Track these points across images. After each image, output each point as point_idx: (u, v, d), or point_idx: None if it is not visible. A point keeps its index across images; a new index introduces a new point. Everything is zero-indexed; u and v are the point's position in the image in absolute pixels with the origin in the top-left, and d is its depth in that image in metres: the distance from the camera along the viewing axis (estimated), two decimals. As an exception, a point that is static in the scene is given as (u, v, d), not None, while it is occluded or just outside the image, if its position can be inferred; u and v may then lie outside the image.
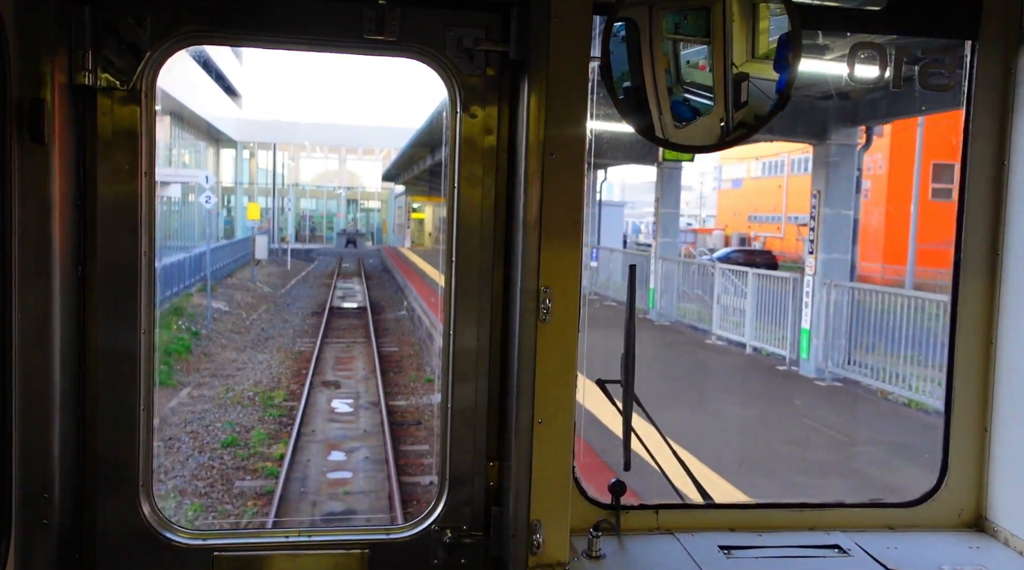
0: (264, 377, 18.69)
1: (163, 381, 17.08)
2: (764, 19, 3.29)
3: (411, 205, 67.92)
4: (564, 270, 3.24)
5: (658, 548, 3.53)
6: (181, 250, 32.08)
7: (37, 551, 3.17)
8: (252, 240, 39.22)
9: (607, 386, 3.61)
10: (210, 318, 25.11)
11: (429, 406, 16.14)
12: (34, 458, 3.14)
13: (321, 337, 23.78)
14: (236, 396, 16.67)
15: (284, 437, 13.96)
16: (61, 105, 3.10)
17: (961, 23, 3.62)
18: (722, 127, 3.30)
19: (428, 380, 18.22)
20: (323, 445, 14.05)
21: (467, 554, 3.53)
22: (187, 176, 42.62)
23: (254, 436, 14.10)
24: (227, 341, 22.98)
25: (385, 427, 14.54)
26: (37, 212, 3.09)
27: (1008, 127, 3.65)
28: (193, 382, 17.82)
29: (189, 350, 20.52)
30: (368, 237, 73.00)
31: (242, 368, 19.59)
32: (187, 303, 26.44)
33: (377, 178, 74.55)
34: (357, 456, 13.65)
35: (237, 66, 50.52)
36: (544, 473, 3.28)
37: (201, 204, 35.92)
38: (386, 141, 65.05)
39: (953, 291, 3.76)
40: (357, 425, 15.47)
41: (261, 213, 52.90)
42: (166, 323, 21.82)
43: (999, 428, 3.71)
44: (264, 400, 16.49)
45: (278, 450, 13.32)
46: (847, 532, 3.68)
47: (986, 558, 3.54)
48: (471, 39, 3.38)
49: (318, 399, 16.98)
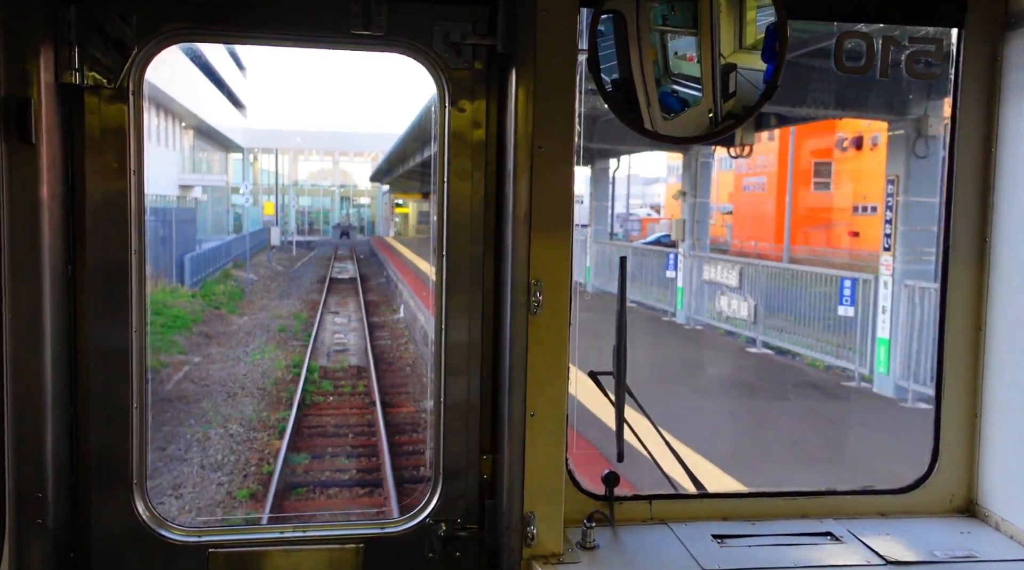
0: (292, 310, 29.89)
1: (231, 310, 28.21)
2: (751, 9, 3.28)
3: (395, 202, 78.86)
4: (554, 263, 3.25)
5: (652, 538, 3.52)
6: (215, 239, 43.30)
7: (33, 551, 3.17)
8: (268, 231, 50.56)
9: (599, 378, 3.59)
10: (248, 282, 36.32)
11: (393, 321, 27.25)
12: (28, 458, 3.12)
13: (325, 293, 34.79)
14: (279, 315, 27.96)
15: (310, 330, 25.14)
16: (48, 104, 3.07)
17: (947, 11, 3.60)
18: (711, 118, 3.29)
19: (393, 310, 29.37)
20: (331, 333, 25.32)
21: (462, 547, 3.53)
22: (209, 180, 53.28)
23: (295, 327, 25.39)
24: (263, 294, 34.18)
25: (366, 328, 25.78)
26: (26, 211, 3.06)
27: (995, 114, 3.63)
28: (250, 312, 29.04)
29: (242, 296, 31.75)
30: (360, 229, 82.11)
31: (277, 306, 30.80)
32: (229, 274, 37.60)
33: (367, 177, 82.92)
34: (349, 337, 24.91)
35: (241, 79, 55.14)
36: (537, 465, 3.29)
37: (215, 202, 46.44)
38: (374, 145, 73.22)
39: (942, 278, 3.75)
40: (348, 327, 26.73)
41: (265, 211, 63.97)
42: (223, 282, 33.15)
43: (989, 414, 3.70)
44: (295, 316, 27.78)
45: (307, 335, 24.53)
46: (839, 519, 3.69)
47: (978, 542, 3.53)
48: (458, 33, 3.35)
49: (326, 317, 28.24)
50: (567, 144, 3.23)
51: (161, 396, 16.22)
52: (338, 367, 20.41)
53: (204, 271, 33.97)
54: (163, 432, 14.02)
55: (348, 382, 18.55)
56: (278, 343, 23.18)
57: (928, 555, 3.42)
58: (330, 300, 33.42)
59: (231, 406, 16.19)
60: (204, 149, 52.68)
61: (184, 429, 14.51)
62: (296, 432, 14.15)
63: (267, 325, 26.19)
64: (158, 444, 13.45)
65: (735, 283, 19.79)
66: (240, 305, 30.58)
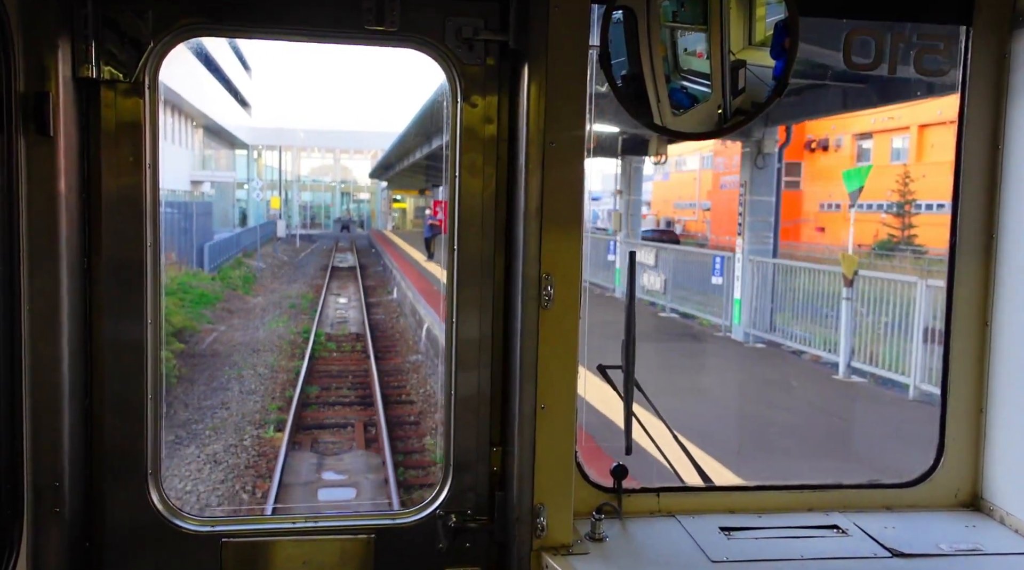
0: (300, 292, 34.33)
1: (246, 292, 32.66)
2: (761, 6, 3.30)
3: (393, 197, 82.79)
4: (565, 257, 3.29)
5: (660, 530, 3.56)
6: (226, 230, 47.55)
7: (49, 539, 3.23)
8: (274, 223, 55.02)
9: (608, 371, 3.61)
10: (259, 269, 40.80)
11: (387, 301, 31.69)
12: (44, 448, 3.18)
13: (328, 279, 39.18)
14: (288, 295, 32.42)
15: (316, 307, 29.56)
16: (65, 98, 3.11)
17: (955, 9, 3.60)
18: (720, 114, 3.30)
19: (388, 292, 33.82)
20: (334, 310, 29.78)
21: (472, 538, 3.58)
22: (219, 177, 56.84)
23: (303, 305, 29.85)
24: (273, 280, 38.64)
25: (364, 306, 30.22)
26: (44, 204, 3.10)
27: (1002, 111, 3.63)
28: (263, 293, 33.49)
29: (254, 280, 36.21)
30: (360, 224, 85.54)
31: (286, 289, 35.26)
32: (241, 262, 42.07)
33: (366, 174, 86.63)
34: (349, 313, 29.35)
35: (247, 79, 57.89)
36: (547, 458, 3.33)
37: (220, 197, 49.78)
38: (374, 143, 77.59)
39: (949, 274, 3.75)
40: (349, 305, 31.19)
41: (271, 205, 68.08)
42: (237, 268, 37.68)
43: (995, 408, 3.72)
44: (303, 297, 32.25)
45: (314, 310, 28.93)
46: (845, 513, 3.72)
47: (983, 536, 3.56)
48: (470, 28, 3.37)
49: (329, 298, 32.71)
50: (578, 139, 3.26)
51: (199, 352, 20.68)
52: (340, 333, 24.87)
53: (220, 258, 38.33)
54: (206, 375, 18.46)
55: (348, 344, 23.00)
56: (290, 316, 27.63)
57: (934, 548, 3.44)
58: (332, 284, 37.87)
59: (256, 358, 20.64)
60: (212, 146, 55.71)
61: (223, 371, 18.97)
62: (309, 373, 18.56)
63: (279, 303, 30.65)
64: (203, 380, 17.90)
65: (652, 263, 24.27)
66: (253, 288, 35.02)
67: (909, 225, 44.86)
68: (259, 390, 17.45)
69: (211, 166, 56.39)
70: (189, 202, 39.13)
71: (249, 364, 19.85)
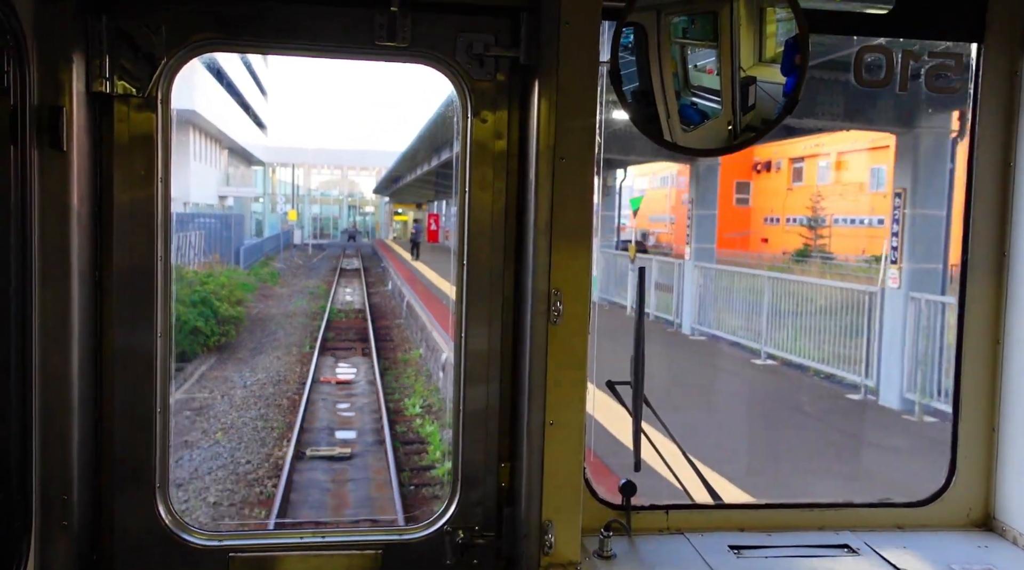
0: (316, 284, 43.87)
1: (274, 284, 42.25)
2: (771, 23, 3.30)
3: (394, 210, 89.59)
4: (574, 273, 3.25)
5: (669, 548, 3.51)
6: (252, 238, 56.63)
7: (57, 552, 3.20)
8: (291, 233, 64.29)
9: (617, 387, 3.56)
10: (281, 269, 50.53)
11: (384, 291, 41.17)
12: (53, 460, 3.16)
13: (337, 277, 48.67)
14: (307, 286, 42.14)
15: (329, 294, 39.02)
16: (79, 112, 3.12)
17: (967, 26, 3.59)
18: (730, 130, 3.31)
19: (384, 285, 43.39)
20: (342, 296, 39.47)
21: (479, 554, 3.56)
22: (243, 192, 64.79)
23: (319, 292, 39.47)
24: (293, 277, 48.34)
25: (365, 295, 39.77)
26: (56, 217, 3.10)
27: (1014, 128, 3.61)
28: (287, 286, 43.14)
29: (279, 277, 45.99)
30: (364, 234, 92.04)
31: (305, 282, 44.89)
32: (267, 263, 51.68)
33: (371, 188, 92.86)
34: (354, 298, 38.93)
35: (263, 102, 63.55)
36: (555, 474, 3.28)
37: (239, 210, 57.84)
38: (378, 161, 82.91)
39: (960, 291, 3.71)
40: (354, 294, 40.82)
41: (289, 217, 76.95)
42: (264, 267, 47.37)
43: (1007, 427, 3.67)
44: (318, 288, 41.94)
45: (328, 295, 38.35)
46: (856, 532, 3.66)
47: (995, 557, 3.50)
48: (481, 44, 3.39)
49: (339, 289, 42.35)
50: (589, 155, 3.25)
51: (250, 318, 30.27)
52: (348, 308, 34.49)
53: (251, 259, 47.51)
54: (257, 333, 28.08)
55: (353, 313, 32.65)
56: (310, 299, 37.20)
57: (945, 569, 3.40)
58: (341, 280, 47.43)
59: (288, 321, 30.27)
60: (233, 164, 61.00)
61: (272, 324, 28.70)
62: (327, 327, 28.22)
63: (301, 291, 40.32)
64: (256, 336, 27.48)
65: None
66: (279, 282, 44.60)
67: (819, 236, 54.24)
68: (296, 332, 27.25)
69: (234, 182, 61.14)
70: (228, 214, 48.46)
71: (285, 322, 29.52)
